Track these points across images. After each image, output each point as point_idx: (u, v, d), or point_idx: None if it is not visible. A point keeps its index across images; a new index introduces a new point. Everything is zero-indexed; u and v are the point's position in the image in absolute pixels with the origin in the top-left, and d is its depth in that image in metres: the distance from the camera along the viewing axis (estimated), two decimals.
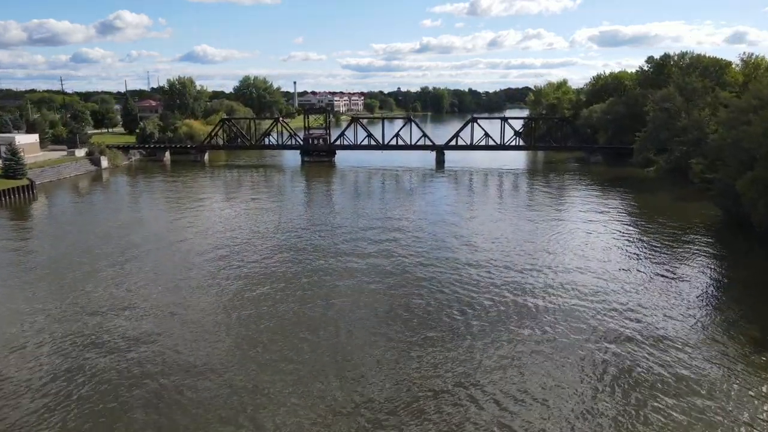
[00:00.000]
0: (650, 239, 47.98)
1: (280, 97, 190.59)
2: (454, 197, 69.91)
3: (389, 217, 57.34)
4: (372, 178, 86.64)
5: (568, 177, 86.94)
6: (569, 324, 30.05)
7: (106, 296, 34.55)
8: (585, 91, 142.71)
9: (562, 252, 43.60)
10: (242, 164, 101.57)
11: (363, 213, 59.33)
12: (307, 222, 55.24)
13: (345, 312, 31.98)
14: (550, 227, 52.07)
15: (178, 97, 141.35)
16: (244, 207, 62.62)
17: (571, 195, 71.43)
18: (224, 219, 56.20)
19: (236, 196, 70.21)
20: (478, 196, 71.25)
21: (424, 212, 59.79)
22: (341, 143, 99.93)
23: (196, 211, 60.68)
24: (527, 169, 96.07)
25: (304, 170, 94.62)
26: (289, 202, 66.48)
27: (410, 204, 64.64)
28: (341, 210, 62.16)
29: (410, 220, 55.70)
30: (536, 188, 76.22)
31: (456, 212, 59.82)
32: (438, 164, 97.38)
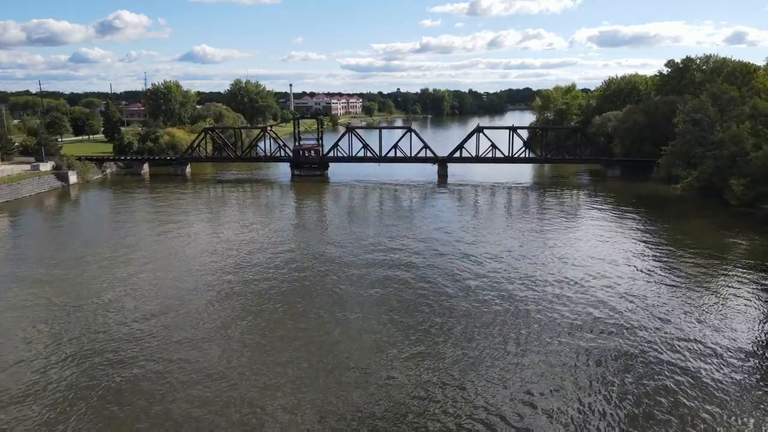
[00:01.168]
0: (692, 278, 39.72)
1: (273, 102, 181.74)
2: (462, 220, 61.45)
3: (390, 247, 49.21)
4: (368, 196, 78.25)
5: (584, 193, 78.57)
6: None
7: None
8: (595, 96, 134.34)
9: (594, 304, 35.24)
10: (227, 178, 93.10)
11: (359, 242, 51.08)
12: (296, 255, 46.97)
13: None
14: (573, 261, 43.70)
15: (163, 102, 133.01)
16: (220, 236, 54.14)
17: (590, 216, 63.14)
18: (195, 257, 47.74)
19: (214, 221, 61.76)
20: (487, 219, 62.94)
21: (429, 240, 51.56)
22: (335, 155, 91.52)
23: (164, 242, 52.24)
24: (538, 184, 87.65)
25: (294, 186, 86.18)
26: (274, 228, 58.11)
27: (412, 230, 56.33)
28: (334, 237, 53.97)
29: (415, 252, 47.36)
30: (551, 208, 67.83)
31: (467, 240, 51.32)
32: (440, 178, 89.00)
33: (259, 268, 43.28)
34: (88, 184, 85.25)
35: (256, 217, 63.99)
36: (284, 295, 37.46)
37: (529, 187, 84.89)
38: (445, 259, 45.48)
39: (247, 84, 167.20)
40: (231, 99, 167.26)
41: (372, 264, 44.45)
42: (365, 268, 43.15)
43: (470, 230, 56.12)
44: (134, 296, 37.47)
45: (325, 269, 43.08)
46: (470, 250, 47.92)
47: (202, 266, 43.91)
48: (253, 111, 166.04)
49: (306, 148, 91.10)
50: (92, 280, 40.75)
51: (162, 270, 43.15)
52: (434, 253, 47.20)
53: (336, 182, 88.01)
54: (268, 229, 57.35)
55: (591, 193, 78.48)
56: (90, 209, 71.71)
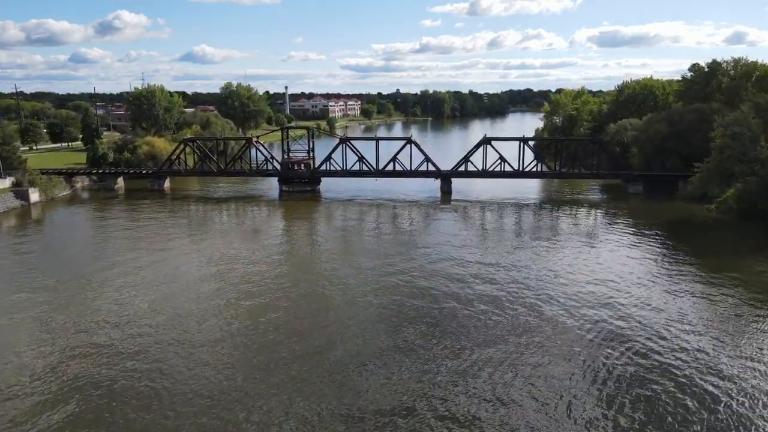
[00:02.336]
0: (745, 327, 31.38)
1: (266, 106, 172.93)
2: (472, 247, 52.98)
3: (392, 286, 41.05)
4: (364, 217, 69.86)
5: (604, 214, 70.23)
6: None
7: None
8: (608, 101, 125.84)
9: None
10: (210, 194, 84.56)
11: (355, 279, 43.04)
12: (281, 295, 38.88)
13: None
14: (601, 304, 35.27)
15: (146, 107, 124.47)
16: (193, 273, 45.67)
17: (615, 242, 54.84)
18: (162, 297, 39.27)
19: (188, 252, 53.22)
20: (500, 245, 54.64)
21: (437, 276, 43.37)
22: (327, 168, 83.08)
23: (125, 277, 43.74)
24: (551, 201, 79.11)
25: (282, 205, 77.71)
26: (258, 258, 49.82)
27: (416, 260, 48.18)
28: (326, 270, 45.90)
29: (421, 293, 38.98)
30: (569, 232, 59.39)
31: (483, 275, 42.93)
32: (444, 195, 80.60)
33: (234, 322, 34.85)
34: (53, 202, 76.69)
35: (238, 244, 55.55)
36: (264, 356, 29.05)
37: (542, 205, 76.38)
38: (463, 304, 37.42)
39: (238, 87, 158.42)
40: (221, 103, 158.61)
41: (374, 313, 36.22)
42: (365, 323, 34.74)
43: (484, 261, 47.65)
44: (85, 358, 29.03)
45: (314, 324, 34.67)
46: (491, 291, 39.52)
47: (167, 324, 35.42)
48: (245, 116, 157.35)
49: (295, 162, 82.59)
50: (30, 329, 32.29)
51: (113, 321, 34.69)
52: (447, 296, 39.00)
53: (328, 199, 79.55)
54: (251, 263, 48.84)
55: (612, 214, 70.09)
56: (46, 234, 63.12)
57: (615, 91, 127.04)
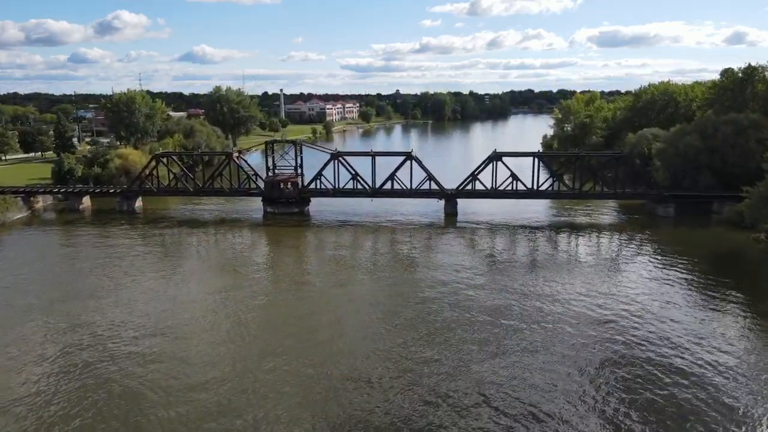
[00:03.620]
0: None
1: (257, 112, 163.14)
2: (485, 289, 43.95)
3: (392, 353, 32.58)
4: (358, 246, 61.01)
5: (632, 242, 61.38)
6: None
7: None
8: (623, 107, 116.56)
9: None
10: (186, 216, 75.22)
11: (350, 336, 33.96)
12: (260, 353, 29.81)
13: None
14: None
15: (126, 114, 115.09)
16: (157, 326, 36.53)
17: (651, 277, 46.04)
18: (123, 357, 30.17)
19: (155, 294, 44.22)
20: (512, 280, 46.08)
21: (448, 330, 34.42)
22: (317, 187, 73.85)
23: (64, 337, 34.60)
24: (568, 225, 69.78)
25: (266, 230, 68.56)
26: (237, 299, 40.92)
27: (422, 310, 39.29)
28: (314, 325, 37.11)
29: (428, 353, 29.89)
30: (593, 266, 50.25)
31: (503, 334, 33.87)
32: (448, 217, 71.47)
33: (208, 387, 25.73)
34: (4, 228, 67.40)
35: (213, 283, 46.93)
36: None
37: (559, 229, 67.06)
38: (483, 364, 28.43)
39: (227, 91, 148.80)
40: (210, 108, 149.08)
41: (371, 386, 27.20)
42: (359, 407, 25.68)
43: (498, 305, 38.49)
44: None
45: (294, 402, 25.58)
46: (519, 360, 30.37)
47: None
48: (235, 122, 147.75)
49: (281, 180, 73.23)
50: None
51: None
52: (461, 356, 29.89)
53: (319, 222, 70.39)
54: (229, 309, 39.89)
55: (642, 241, 61.25)
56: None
57: (631, 95, 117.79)
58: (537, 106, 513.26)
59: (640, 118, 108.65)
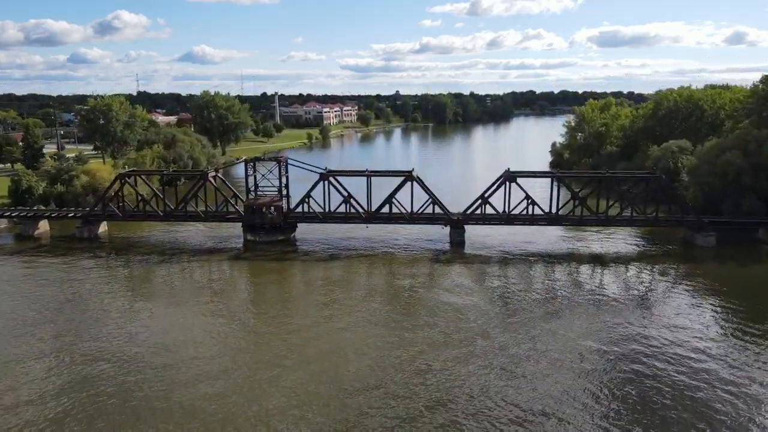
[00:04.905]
0: None
1: (248, 118, 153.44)
2: (501, 338, 34.88)
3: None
4: (351, 281, 52.23)
5: (664, 277, 52.89)
6: None
7: None
8: (642, 115, 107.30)
9: None
10: (156, 243, 65.90)
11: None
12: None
13: None
14: None
15: (103, 122, 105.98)
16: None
17: (701, 331, 36.77)
18: None
19: (108, 356, 35.09)
20: (534, 329, 36.73)
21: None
22: (305, 210, 64.68)
23: None
24: (593, 257, 60.51)
25: (246, 261, 59.30)
26: (196, 372, 31.74)
27: (428, 374, 30.23)
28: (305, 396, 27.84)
29: None
30: (632, 309, 41.13)
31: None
32: (454, 246, 62.31)
33: None
34: None
35: (179, 335, 37.56)
36: None
37: (581, 261, 57.87)
38: None
39: (215, 96, 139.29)
40: (197, 115, 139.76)
41: None
42: None
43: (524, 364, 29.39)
44: None
45: None
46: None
47: None
48: (224, 129, 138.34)
49: (263, 204, 63.91)
50: None
51: None
52: None
53: (306, 252, 61.21)
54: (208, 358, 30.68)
55: (680, 277, 52.73)
56: None
57: (650, 103, 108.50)
58: (539, 108, 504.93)
59: (662, 128, 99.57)
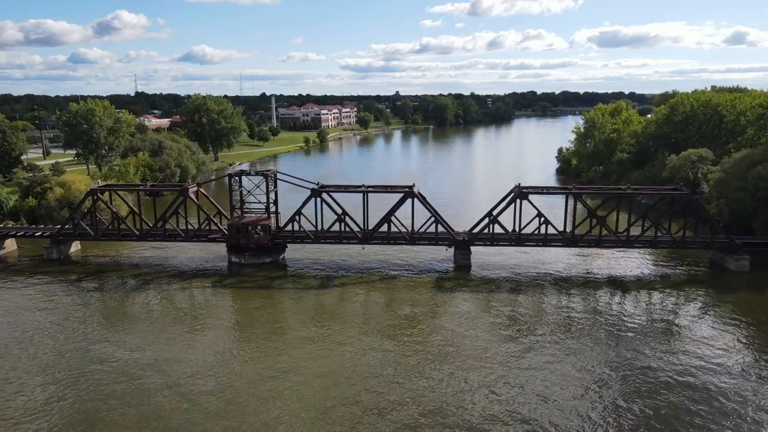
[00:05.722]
0: None
1: (241, 122, 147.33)
2: (518, 379, 29.26)
3: None
4: (346, 307, 46.66)
5: (690, 304, 47.24)
6: None
7: None
8: (656, 120, 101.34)
9: None
10: (131, 266, 59.96)
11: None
12: None
13: None
14: None
15: (86, 128, 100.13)
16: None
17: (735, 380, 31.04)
18: None
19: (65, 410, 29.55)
20: (552, 376, 30.78)
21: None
22: (294, 229, 58.85)
23: None
24: (609, 282, 54.79)
25: (230, 288, 53.34)
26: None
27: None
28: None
29: None
30: (666, 350, 35.44)
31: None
32: (459, 269, 56.49)
33: None
34: None
35: (153, 376, 31.73)
36: None
37: (598, 287, 52.08)
38: None
39: (207, 100, 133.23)
40: (188, 119, 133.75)
41: None
42: None
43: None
44: None
45: None
46: None
47: None
48: (216, 134, 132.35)
49: (249, 223, 58.00)
50: None
51: None
52: None
53: (296, 276, 55.33)
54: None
55: (710, 306, 46.94)
56: None
57: (663, 108, 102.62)
58: (541, 109, 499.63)
59: (677, 134, 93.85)
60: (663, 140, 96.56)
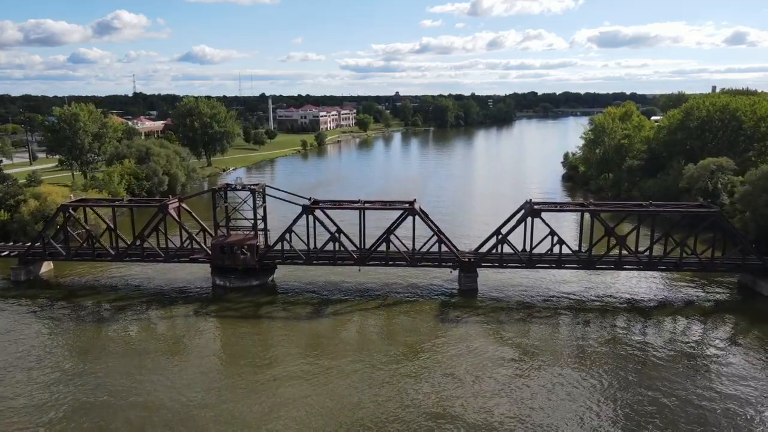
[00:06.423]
0: None
1: (235, 126, 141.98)
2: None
3: None
4: (340, 337, 41.91)
5: (721, 334, 43.08)
6: None
7: None
8: (668, 126, 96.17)
9: None
10: (107, 288, 55.08)
11: None
12: None
13: None
14: None
15: (70, 134, 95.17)
16: None
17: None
18: None
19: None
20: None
21: None
22: (284, 248, 53.81)
23: None
24: (629, 308, 49.96)
25: (214, 315, 48.33)
26: None
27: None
28: None
29: None
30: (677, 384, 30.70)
31: None
32: (465, 293, 51.52)
33: None
34: None
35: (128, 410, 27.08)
36: None
37: (616, 313, 47.27)
38: None
39: (199, 103, 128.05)
40: (180, 123, 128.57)
41: None
42: None
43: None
44: None
45: None
46: None
47: None
48: (209, 139, 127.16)
49: (234, 242, 52.95)
50: None
51: None
52: None
53: (285, 302, 50.33)
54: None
55: (740, 335, 42.76)
56: None
57: (676, 112, 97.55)
58: (542, 110, 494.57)
59: (693, 140, 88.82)
60: (677, 147, 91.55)
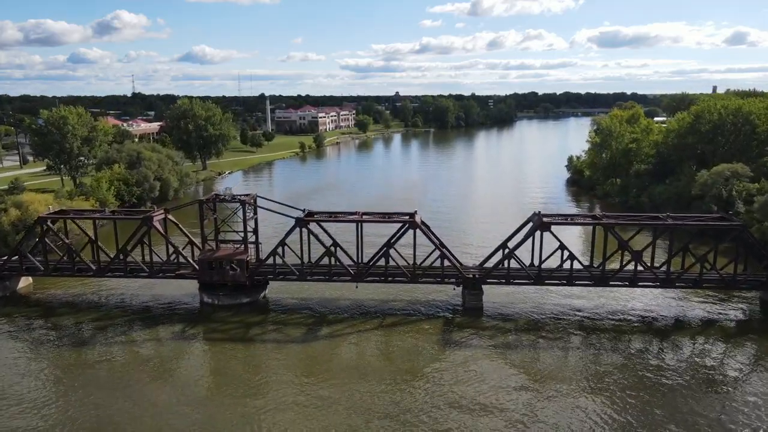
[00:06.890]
0: None
1: (231, 129, 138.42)
2: None
3: None
4: (334, 361, 38.79)
5: (742, 355, 40.01)
6: None
7: None
8: (677, 129, 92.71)
9: None
10: (88, 305, 51.80)
11: None
12: None
13: None
14: None
15: (59, 138, 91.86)
16: None
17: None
18: None
19: None
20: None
21: None
22: (277, 262, 50.48)
23: None
24: (640, 321, 46.72)
25: (200, 336, 45.14)
26: None
27: None
28: None
29: None
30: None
31: None
32: (469, 312, 48.23)
33: None
34: None
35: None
36: None
37: (633, 333, 44.07)
38: None
39: (193, 105, 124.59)
40: (174, 126, 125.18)
41: None
42: None
43: None
44: None
45: None
46: None
47: None
48: (203, 142, 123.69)
49: (223, 257, 49.60)
50: None
51: None
52: None
53: (277, 322, 47.06)
54: None
55: (764, 356, 38.96)
56: None
57: (685, 114, 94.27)
58: (543, 110, 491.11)
59: (704, 145, 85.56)
60: (687, 151, 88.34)
